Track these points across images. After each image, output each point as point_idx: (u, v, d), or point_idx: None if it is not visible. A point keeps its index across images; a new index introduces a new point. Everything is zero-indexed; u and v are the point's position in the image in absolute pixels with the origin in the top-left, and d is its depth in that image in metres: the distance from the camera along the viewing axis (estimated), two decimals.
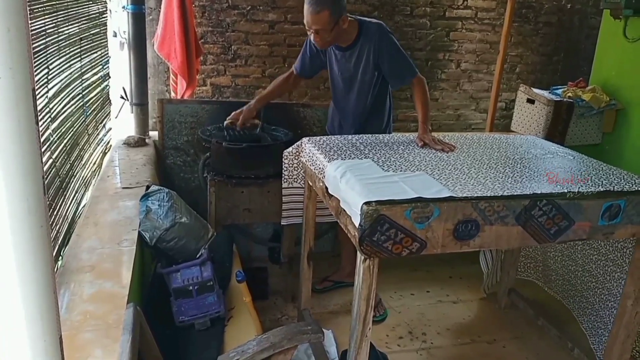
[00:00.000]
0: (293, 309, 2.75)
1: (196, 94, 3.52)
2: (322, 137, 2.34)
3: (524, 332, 2.72)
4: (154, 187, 1.99)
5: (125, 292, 1.43)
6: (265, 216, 2.66)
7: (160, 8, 3.08)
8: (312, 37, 2.35)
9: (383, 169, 1.92)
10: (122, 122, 3.01)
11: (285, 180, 2.40)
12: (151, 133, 3.05)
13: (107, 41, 2.92)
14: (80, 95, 2.32)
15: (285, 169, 2.39)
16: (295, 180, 2.41)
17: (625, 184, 1.94)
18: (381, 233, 1.61)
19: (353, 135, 2.38)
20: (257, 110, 2.62)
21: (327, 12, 2.20)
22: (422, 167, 1.98)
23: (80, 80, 2.33)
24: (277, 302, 2.82)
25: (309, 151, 2.22)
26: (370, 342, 2.31)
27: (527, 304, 2.78)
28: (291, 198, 2.43)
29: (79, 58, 2.30)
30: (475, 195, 1.70)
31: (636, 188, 1.92)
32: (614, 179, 2.00)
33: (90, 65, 2.50)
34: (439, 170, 1.95)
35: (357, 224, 1.63)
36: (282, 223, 2.49)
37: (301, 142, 2.33)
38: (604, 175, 2.04)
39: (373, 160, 2.02)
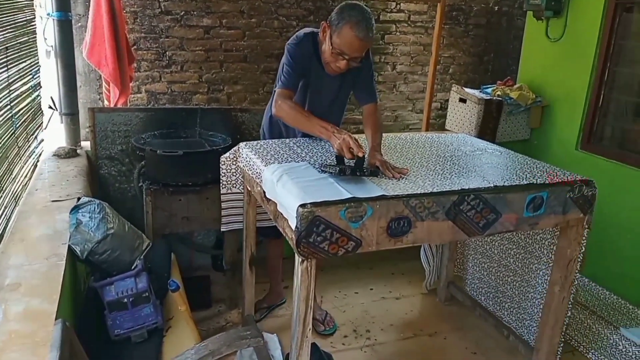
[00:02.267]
0: (238, 316, 2.74)
1: (131, 101, 3.44)
2: (259, 141, 2.35)
3: (463, 323, 2.82)
4: (84, 199, 1.93)
5: (54, 309, 1.38)
6: (205, 224, 2.64)
7: (89, 14, 2.99)
8: (340, 64, 2.14)
9: (319, 171, 1.94)
10: (53, 133, 2.89)
11: (223, 186, 2.39)
12: (84, 143, 2.95)
13: (36, 50, 2.81)
14: (9, 106, 2.23)
15: (223, 174, 2.38)
16: (234, 185, 2.39)
17: (548, 177, 2.05)
18: (317, 234, 1.63)
19: (291, 139, 2.39)
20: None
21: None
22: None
23: (8, 90, 2.23)
24: (221, 310, 2.80)
25: (246, 156, 2.22)
26: (314, 343, 2.35)
27: (465, 295, 2.88)
28: (230, 204, 2.42)
29: (6, 68, 2.21)
30: (407, 193, 1.75)
31: (557, 180, 2.03)
32: (537, 172, 2.10)
33: (18, 75, 2.40)
34: (372, 169, 1.99)
35: (293, 226, 1.64)
36: (221, 229, 2.47)
37: (238, 147, 2.32)
38: (528, 169, 2.15)
39: (309, 162, 2.04)
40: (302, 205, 1.61)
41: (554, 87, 3.49)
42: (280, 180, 1.84)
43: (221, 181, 2.38)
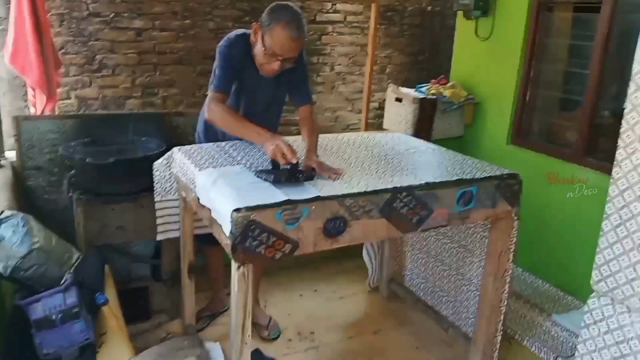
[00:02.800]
0: (179, 326, 2.67)
1: (59, 108, 3.30)
2: (193, 146, 2.30)
3: (405, 319, 2.87)
4: (6, 213, 1.83)
5: None
6: (141, 233, 2.56)
7: (10, 17, 2.85)
8: (274, 65, 2.13)
9: (255, 174, 1.92)
10: None
11: (157, 194, 2.33)
12: (9, 154, 2.81)
13: None
14: None
15: (156, 181, 2.31)
16: (169, 192, 2.34)
17: (477, 172, 2.12)
18: (253, 238, 1.61)
19: (226, 142, 2.35)
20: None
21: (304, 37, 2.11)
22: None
23: None
24: (162, 321, 2.71)
25: (179, 161, 2.17)
26: (257, 349, 2.34)
27: (406, 292, 2.94)
28: (166, 212, 2.36)
29: None
30: (341, 193, 1.77)
31: (486, 174, 2.10)
32: (467, 168, 2.17)
33: None
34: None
35: (228, 232, 1.62)
36: (157, 238, 2.41)
37: (172, 153, 2.27)
38: (458, 165, 2.22)
39: (245, 166, 2.02)
40: (237, 210, 1.59)
41: (485, 85, 3.62)
42: (215, 185, 1.81)
43: (155, 188, 2.32)
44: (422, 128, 3.62)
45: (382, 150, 2.39)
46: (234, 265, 1.64)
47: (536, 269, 3.16)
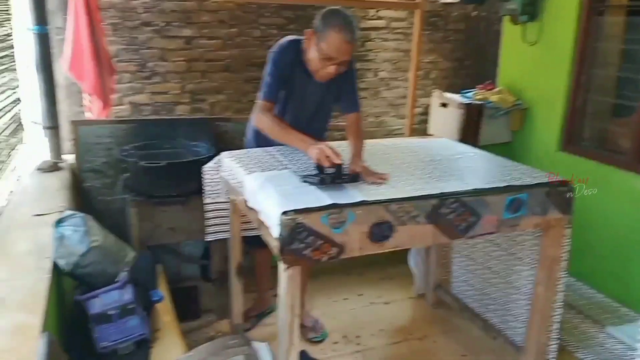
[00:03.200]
0: (227, 326, 2.73)
1: (114, 113, 3.44)
2: (241, 150, 2.36)
3: (452, 326, 2.84)
4: (67, 213, 1.93)
5: (39, 323, 1.38)
6: (191, 234, 2.63)
7: (67, 27, 2.99)
8: (330, 69, 2.16)
9: (301, 181, 1.95)
10: (36, 147, 2.88)
11: (207, 196, 2.39)
12: (67, 157, 2.94)
13: (15, 65, 2.80)
14: None
15: (206, 184, 2.38)
16: (218, 195, 2.40)
17: (527, 178, 2.09)
18: (300, 241, 1.64)
19: (274, 147, 2.40)
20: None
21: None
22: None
23: None
24: (211, 320, 2.78)
25: (228, 165, 2.23)
26: (304, 350, 2.36)
27: (453, 299, 2.90)
28: (215, 213, 2.42)
29: None
30: (387, 198, 1.78)
31: (536, 181, 2.06)
32: (517, 174, 2.14)
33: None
34: (353, 176, 2.01)
35: (275, 235, 1.65)
36: (207, 239, 2.47)
37: (220, 157, 2.33)
38: (507, 171, 2.18)
39: (292, 170, 2.06)
40: (284, 213, 1.62)
41: (533, 90, 3.54)
42: (262, 188, 1.85)
43: (204, 191, 2.38)
44: (469, 134, 3.58)
45: (428, 155, 2.38)
46: (281, 266, 1.67)
47: (589, 278, 3.07)
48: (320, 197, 1.75)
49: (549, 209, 2.06)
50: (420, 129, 4.41)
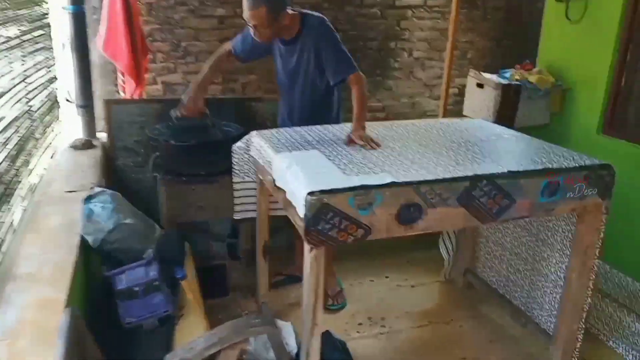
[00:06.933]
0: (254, 304, 2.75)
1: (147, 92, 3.46)
2: (271, 130, 2.34)
3: (480, 310, 2.78)
4: (97, 189, 1.96)
5: (63, 298, 1.40)
6: (219, 212, 2.64)
7: (103, 7, 3.01)
8: (251, 32, 2.31)
9: (329, 159, 1.92)
10: (70, 125, 2.94)
11: (236, 175, 2.39)
12: (100, 135, 2.99)
13: (52, 43, 2.84)
14: (26, 100, 2.26)
15: (235, 163, 2.38)
16: (247, 174, 2.40)
17: (564, 161, 2.00)
18: (326, 222, 1.62)
19: (302, 127, 2.38)
20: (201, 100, 2.55)
21: (264, 9, 2.17)
22: (368, 155, 1.99)
23: (25, 84, 2.27)
24: (238, 298, 2.81)
25: (257, 144, 2.22)
26: (328, 330, 2.35)
27: (482, 283, 2.84)
28: (243, 192, 2.43)
29: (22, 61, 2.25)
30: (417, 179, 1.73)
31: (574, 164, 1.98)
32: (554, 157, 2.05)
33: (35, 69, 2.44)
34: (384, 157, 1.97)
35: (302, 215, 1.63)
36: (235, 218, 2.48)
37: (250, 136, 2.32)
38: (544, 153, 2.10)
39: (320, 151, 2.03)
40: (310, 193, 1.60)
41: (575, 70, 3.40)
42: (290, 168, 1.83)
43: (233, 170, 2.38)
44: (505, 115, 3.46)
45: (461, 137, 2.31)
46: (306, 247, 1.65)
47: (625, 266, 2.95)
48: (349, 179, 1.72)
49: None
50: (455, 110, 4.30)
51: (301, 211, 1.63)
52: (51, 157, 2.62)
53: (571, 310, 2.18)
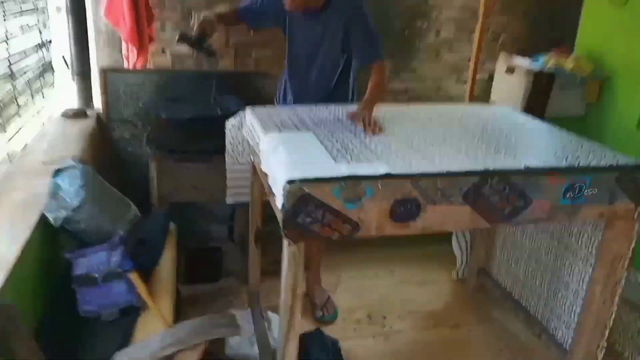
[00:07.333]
0: (245, 291, 2.59)
1: (155, 64, 3.30)
2: (266, 107, 2.14)
3: (491, 315, 2.56)
4: (68, 162, 1.80)
5: None
6: (215, 194, 2.45)
7: None
8: None
9: (322, 143, 1.72)
10: (66, 93, 2.80)
11: (229, 155, 2.21)
12: (98, 105, 2.84)
13: (44, 5, 2.69)
14: (7, 62, 2.12)
15: (229, 142, 2.19)
16: (240, 155, 2.21)
17: (593, 159, 1.75)
18: (306, 214, 1.42)
19: (303, 106, 2.18)
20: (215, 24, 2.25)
21: None
22: (368, 141, 1.78)
23: (6, 46, 2.13)
24: (231, 284, 2.65)
25: (249, 123, 2.02)
26: (319, 329, 2.18)
27: (496, 285, 2.61)
28: (236, 174, 2.24)
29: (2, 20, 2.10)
30: (417, 172, 1.51)
31: (604, 163, 1.72)
32: (583, 153, 1.80)
33: (21, 31, 2.29)
34: (384, 144, 1.75)
35: (279, 205, 1.44)
36: (227, 201, 2.30)
37: (243, 113, 2.12)
38: (572, 148, 1.85)
39: (314, 133, 1.82)
40: (290, 181, 1.40)
41: (616, 58, 3.07)
42: (275, 151, 1.63)
43: (226, 150, 2.20)
44: (535, 104, 3.18)
45: (479, 126, 2.07)
46: (284, 242, 1.46)
47: None
48: (338, 167, 1.51)
49: (617, 197, 1.72)
50: (482, 96, 4.01)
51: (279, 201, 1.43)
52: (42, 125, 2.49)
53: (592, 327, 1.94)
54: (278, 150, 1.62)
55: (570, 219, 1.80)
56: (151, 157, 2.38)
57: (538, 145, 1.93)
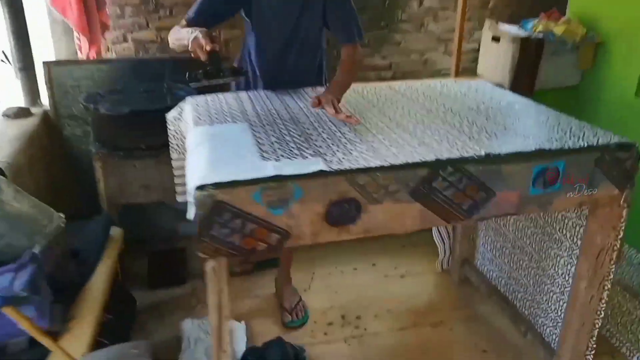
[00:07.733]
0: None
1: (116, 51, 3.10)
2: (208, 95, 1.93)
3: (475, 311, 2.35)
4: None
5: None
6: (167, 193, 2.27)
7: None
8: None
9: (255, 136, 1.51)
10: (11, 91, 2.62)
11: (173, 150, 2.01)
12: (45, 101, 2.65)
13: None
14: None
15: (172, 136, 1.99)
16: (185, 149, 2.00)
17: (569, 140, 1.51)
18: (221, 225, 1.22)
19: (247, 92, 1.98)
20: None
21: None
22: (309, 132, 1.56)
23: None
24: (197, 288, 2.47)
25: (186, 114, 1.82)
26: (280, 337, 1.99)
27: (480, 277, 2.40)
28: (184, 171, 2.04)
29: None
30: (355, 167, 1.29)
31: (580, 144, 1.48)
32: (559, 133, 1.56)
33: None
34: (328, 134, 1.53)
35: (190, 215, 1.25)
36: (178, 200, 2.11)
37: (183, 103, 1.92)
38: (549, 128, 1.62)
39: (251, 124, 1.61)
40: (200, 187, 1.20)
41: (611, 20, 2.79)
42: (197, 148, 1.43)
43: (170, 144, 2.00)
44: (524, 75, 2.91)
45: (442, 105, 1.84)
46: (201, 257, 1.27)
47: None
48: (264, 166, 1.30)
49: (598, 182, 1.49)
50: (471, 68, 3.75)
51: (190, 211, 1.24)
52: None
53: (577, 327, 1.73)
54: (201, 147, 1.42)
55: (544, 211, 1.58)
56: (94, 156, 2.19)
57: (510, 125, 1.68)
